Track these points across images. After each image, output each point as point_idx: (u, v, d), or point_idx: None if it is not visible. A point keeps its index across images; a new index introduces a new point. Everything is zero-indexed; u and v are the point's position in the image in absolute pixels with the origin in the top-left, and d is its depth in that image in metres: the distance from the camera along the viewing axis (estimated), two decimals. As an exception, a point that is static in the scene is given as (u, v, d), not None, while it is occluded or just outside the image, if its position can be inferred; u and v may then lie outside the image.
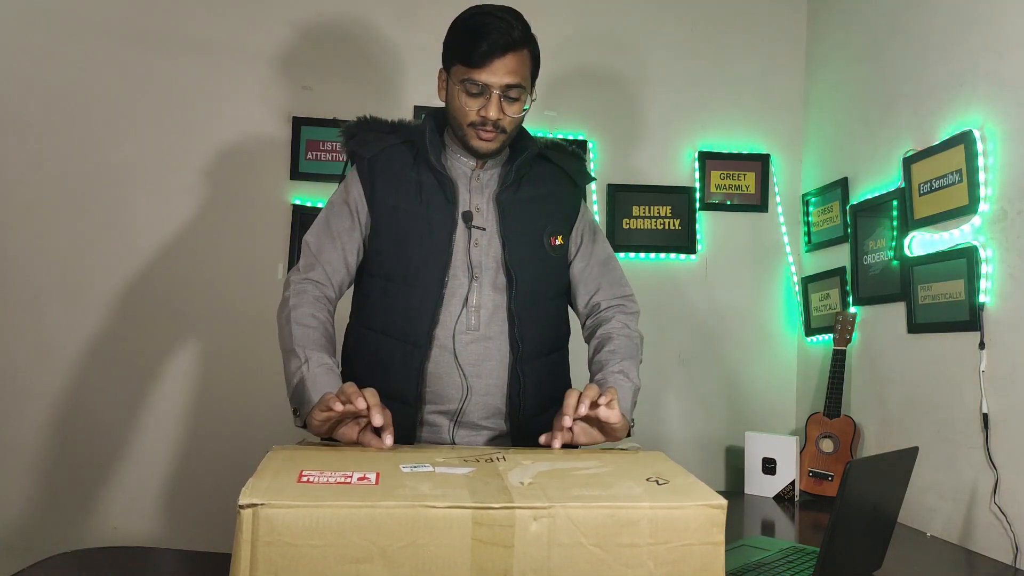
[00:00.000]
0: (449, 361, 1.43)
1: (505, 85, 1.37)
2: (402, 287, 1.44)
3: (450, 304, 1.43)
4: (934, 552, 1.80)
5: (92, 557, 1.55)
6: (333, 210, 1.51)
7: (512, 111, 1.41)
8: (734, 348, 2.68)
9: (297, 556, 0.85)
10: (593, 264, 1.59)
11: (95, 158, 2.44)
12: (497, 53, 1.35)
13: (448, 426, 1.46)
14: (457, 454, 1.12)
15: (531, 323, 1.46)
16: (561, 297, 1.57)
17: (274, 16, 2.53)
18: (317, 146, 2.53)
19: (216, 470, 2.40)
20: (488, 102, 1.38)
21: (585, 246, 1.59)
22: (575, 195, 1.59)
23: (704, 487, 0.99)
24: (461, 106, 1.40)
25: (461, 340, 1.43)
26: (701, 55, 2.71)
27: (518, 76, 1.38)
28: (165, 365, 2.44)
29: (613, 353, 1.46)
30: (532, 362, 1.47)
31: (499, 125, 1.41)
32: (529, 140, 1.54)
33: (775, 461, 2.29)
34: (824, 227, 2.56)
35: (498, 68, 1.36)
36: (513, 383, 1.46)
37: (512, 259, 1.45)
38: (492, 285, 1.45)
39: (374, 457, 1.07)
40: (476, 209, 1.47)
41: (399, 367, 1.43)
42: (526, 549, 0.89)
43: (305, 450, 1.10)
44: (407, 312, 1.43)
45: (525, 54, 1.40)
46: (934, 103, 2.04)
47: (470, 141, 1.43)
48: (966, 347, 1.88)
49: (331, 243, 1.48)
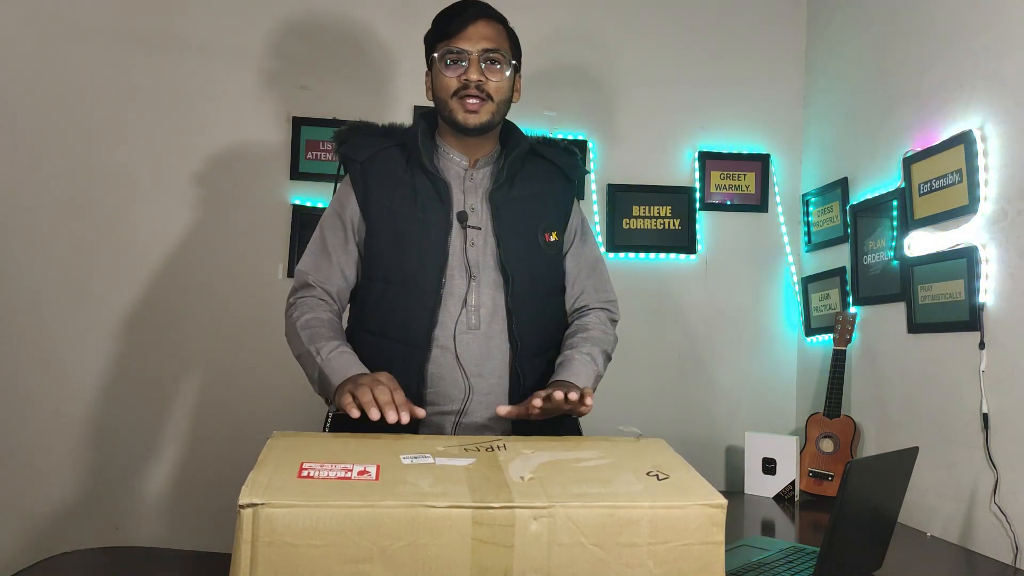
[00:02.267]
0: (451, 362, 1.43)
1: (483, 49, 1.42)
2: (400, 290, 1.45)
3: (449, 305, 1.44)
4: (934, 552, 1.80)
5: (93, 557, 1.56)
6: (327, 225, 1.52)
7: (494, 77, 1.43)
8: (734, 348, 2.68)
9: (297, 556, 0.85)
10: (582, 266, 1.61)
11: (94, 159, 2.43)
12: (472, 20, 1.42)
13: (450, 428, 1.46)
14: (458, 442, 1.12)
15: (529, 320, 1.48)
16: (559, 294, 1.59)
17: (273, 16, 2.53)
18: (317, 146, 2.53)
19: (217, 470, 2.40)
20: (468, 67, 1.42)
21: (576, 245, 1.60)
22: (568, 191, 1.60)
23: (704, 483, 0.99)
24: (443, 80, 1.44)
25: (462, 340, 1.44)
26: (701, 55, 2.71)
27: (495, 42, 1.43)
28: (165, 365, 2.44)
29: (585, 340, 1.51)
30: (532, 359, 1.48)
31: (483, 89, 1.42)
32: (520, 136, 1.55)
33: (775, 461, 2.29)
34: (824, 227, 2.56)
35: (473, 34, 1.41)
36: (514, 381, 1.46)
37: (507, 257, 1.46)
38: (490, 284, 1.46)
39: (375, 447, 1.06)
40: (471, 209, 1.48)
41: (399, 370, 1.41)
42: (526, 549, 0.89)
43: (306, 437, 1.10)
44: (405, 314, 1.44)
45: (501, 28, 1.46)
46: (934, 103, 2.04)
47: (456, 116, 1.44)
48: (966, 347, 1.88)
49: (327, 260, 1.50)
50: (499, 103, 1.46)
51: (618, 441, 1.21)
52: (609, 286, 1.64)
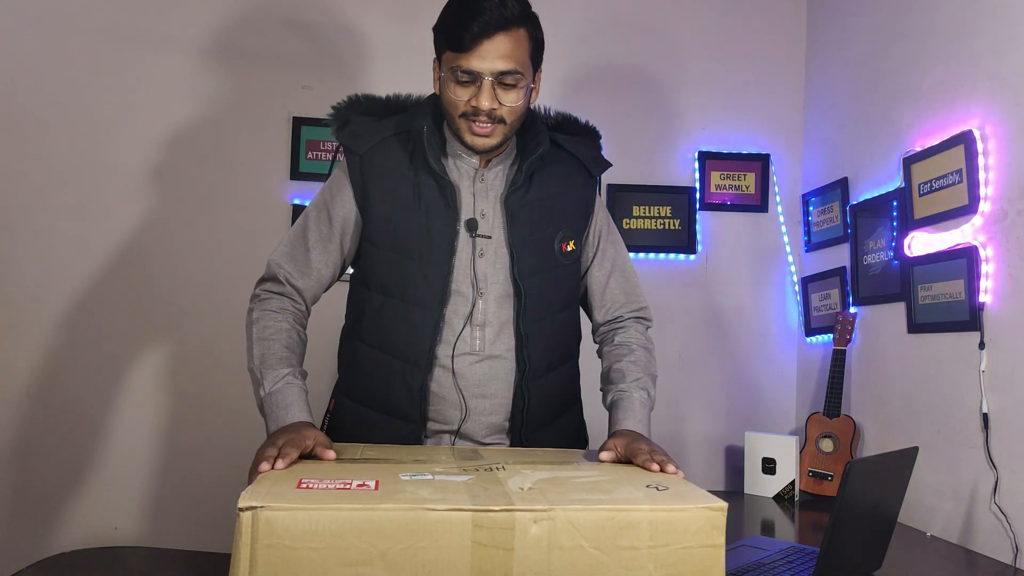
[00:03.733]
0: (450, 383, 1.35)
1: (498, 72, 1.24)
2: (400, 303, 1.34)
3: (452, 322, 1.34)
4: (934, 552, 1.80)
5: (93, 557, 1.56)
6: (312, 216, 1.40)
7: (508, 100, 1.27)
8: (734, 348, 2.68)
9: (296, 559, 0.85)
10: (615, 274, 1.50)
11: (93, 158, 2.43)
12: (488, 34, 1.22)
13: (449, 442, 1.40)
14: (457, 464, 1.11)
15: (540, 339, 1.37)
16: (572, 307, 1.48)
17: (274, 16, 2.53)
18: (317, 146, 2.52)
19: (216, 470, 2.40)
20: (479, 91, 1.25)
21: (603, 250, 1.49)
22: (590, 188, 1.47)
23: (704, 493, 0.99)
24: (452, 97, 1.28)
25: (463, 362, 1.34)
26: (701, 55, 2.70)
27: (512, 61, 1.24)
28: (165, 365, 2.44)
29: (635, 365, 1.43)
30: (539, 379, 1.39)
31: (495, 115, 1.27)
32: (540, 131, 1.39)
33: (775, 461, 2.29)
34: (824, 227, 2.56)
35: (488, 52, 1.23)
36: (517, 400, 1.37)
37: (521, 271, 1.34)
38: (498, 300, 1.35)
39: (373, 468, 1.06)
40: (481, 215, 1.36)
41: (400, 387, 1.35)
42: (526, 552, 0.89)
43: (303, 462, 1.10)
44: (406, 330, 1.34)
45: (522, 34, 1.26)
46: (934, 103, 2.04)
47: (464, 136, 1.31)
48: (966, 347, 1.88)
49: (304, 254, 1.39)
50: (513, 122, 1.31)
51: (617, 464, 1.21)
52: (640, 290, 1.53)
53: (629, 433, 1.29)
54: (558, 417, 1.47)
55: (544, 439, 1.39)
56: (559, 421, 1.47)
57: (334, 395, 1.49)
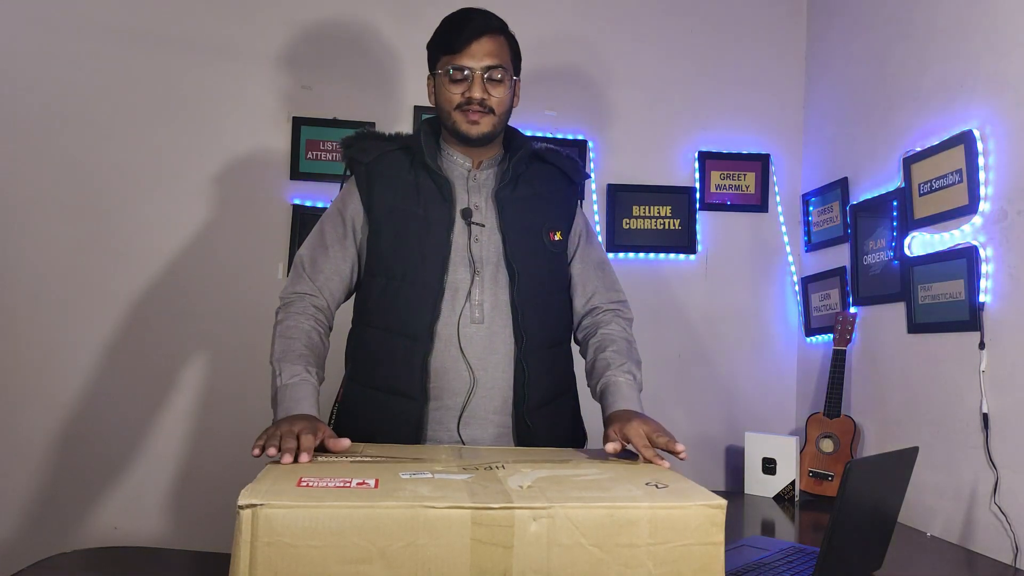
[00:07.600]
0: (455, 355, 1.44)
1: (486, 66, 1.45)
2: (402, 284, 1.47)
3: (453, 299, 1.46)
4: (934, 552, 1.80)
5: (93, 557, 1.56)
6: (328, 221, 1.55)
7: (496, 92, 1.47)
8: (734, 348, 2.68)
9: (296, 556, 0.85)
10: (590, 266, 1.63)
11: (94, 158, 2.43)
12: (476, 36, 1.44)
13: (454, 422, 1.46)
14: (457, 463, 1.12)
15: (534, 315, 1.49)
16: (563, 292, 1.61)
17: (274, 16, 2.53)
18: (317, 146, 2.53)
19: (217, 470, 2.40)
20: (471, 84, 1.45)
21: (582, 247, 1.63)
22: (572, 194, 1.63)
23: (703, 490, 0.99)
24: (447, 94, 1.47)
25: (466, 333, 1.45)
26: (701, 55, 2.71)
27: (497, 58, 1.46)
28: (166, 365, 2.44)
29: (618, 354, 1.51)
30: (536, 353, 1.49)
31: (486, 104, 1.46)
32: (523, 139, 1.59)
33: (775, 461, 2.29)
34: (824, 227, 2.56)
35: (477, 51, 1.45)
36: (518, 374, 1.47)
37: (513, 253, 1.48)
38: (494, 280, 1.48)
39: (373, 467, 1.07)
40: (475, 207, 1.50)
41: (401, 363, 1.45)
42: (525, 549, 0.89)
43: (303, 464, 1.10)
44: (407, 308, 1.46)
45: (503, 40, 1.49)
46: (934, 103, 2.04)
47: (460, 127, 1.48)
48: (966, 347, 1.88)
49: (323, 253, 1.52)
50: (501, 114, 1.50)
51: (617, 461, 1.22)
52: (618, 286, 1.66)
53: (624, 413, 1.37)
54: (557, 398, 1.56)
55: (544, 421, 1.48)
56: (558, 402, 1.57)
57: (343, 385, 1.58)
